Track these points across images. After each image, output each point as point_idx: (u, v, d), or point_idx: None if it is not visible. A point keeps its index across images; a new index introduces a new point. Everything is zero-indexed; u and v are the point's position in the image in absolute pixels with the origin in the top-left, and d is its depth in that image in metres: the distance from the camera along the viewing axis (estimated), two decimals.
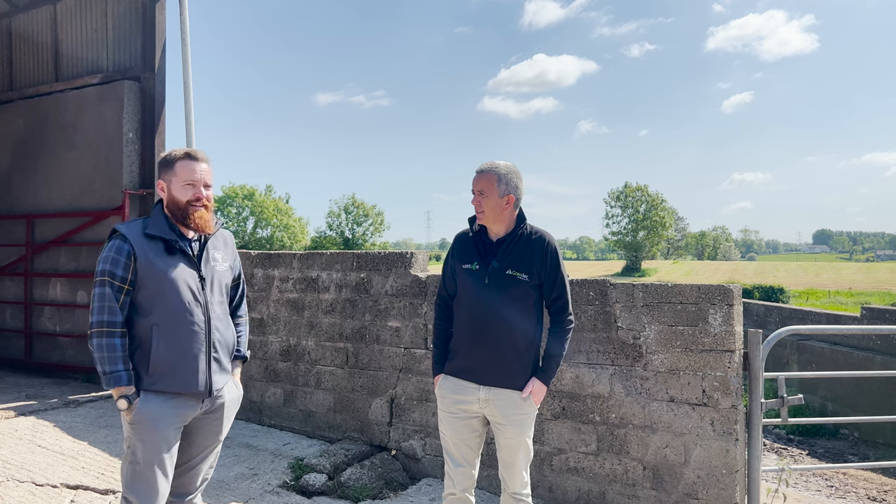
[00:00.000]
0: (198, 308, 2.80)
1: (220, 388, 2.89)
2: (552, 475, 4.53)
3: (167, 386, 2.75)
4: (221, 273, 2.96)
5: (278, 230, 75.83)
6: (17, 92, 9.56)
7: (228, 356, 2.95)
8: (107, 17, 8.74)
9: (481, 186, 3.19)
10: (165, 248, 2.79)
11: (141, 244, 2.76)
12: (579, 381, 4.47)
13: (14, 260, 9.25)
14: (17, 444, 5.54)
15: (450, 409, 3.28)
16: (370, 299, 5.54)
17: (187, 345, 2.76)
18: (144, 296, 2.75)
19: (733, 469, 3.95)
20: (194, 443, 2.93)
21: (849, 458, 9.86)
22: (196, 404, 2.84)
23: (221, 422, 2.97)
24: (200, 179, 2.83)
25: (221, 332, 2.90)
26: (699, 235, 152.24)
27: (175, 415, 2.79)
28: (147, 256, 2.75)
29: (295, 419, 5.96)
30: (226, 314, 2.97)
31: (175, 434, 2.81)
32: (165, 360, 2.73)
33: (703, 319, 4.07)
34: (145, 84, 8.38)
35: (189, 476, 2.97)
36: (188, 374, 2.76)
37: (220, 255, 2.98)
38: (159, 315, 2.74)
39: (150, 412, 2.73)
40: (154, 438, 2.74)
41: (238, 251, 6.56)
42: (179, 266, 2.80)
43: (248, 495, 4.57)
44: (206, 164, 2.87)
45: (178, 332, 2.75)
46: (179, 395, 2.78)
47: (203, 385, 2.80)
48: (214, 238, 2.98)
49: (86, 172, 8.53)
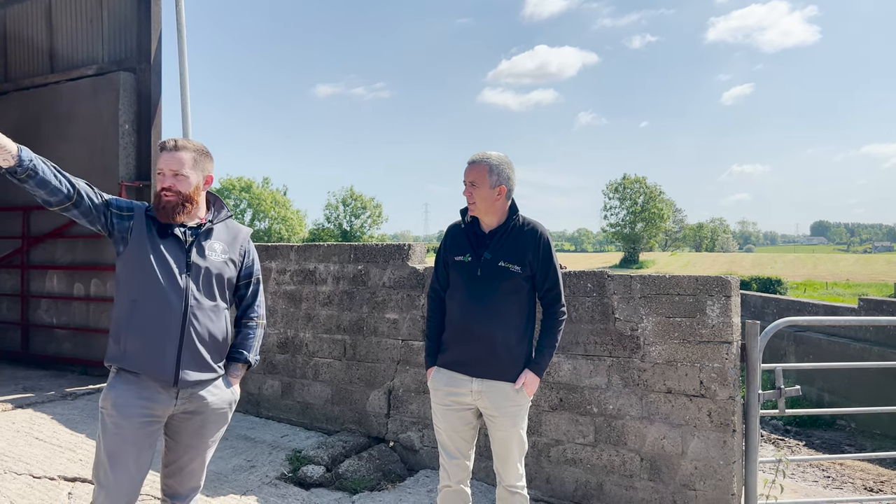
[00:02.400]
0: (176, 293, 2.72)
1: (192, 381, 2.74)
2: (549, 466, 4.53)
3: (133, 365, 2.70)
4: (217, 265, 2.86)
5: (276, 222, 75.82)
6: (11, 83, 9.50)
7: (211, 352, 2.81)
8: (102, 8, 8.68)
9: (473, 177, 3.17)
10: (158, 230, 2.79)
11: (141, 218, 2.80)
12: (577, 373, 4.47)
13: (10, 252, 9.22)
14: (15, 437, 5.53)
15: (443, 402, 3.27)
16: (368, 291, 5.53)
17: (158, 328, 2.69)
18: (130, 269, 2.75)
19: (731, 460, 3.95)
20: (179, 442, 2.85)
21: (845, 448, 9.89)
22: (167, 396, 2.73)
23: (205, 424, 2.85)
24: (166, 168, 2.78)
25: (201, 323, 2.77)
26: (697, 227, 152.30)
27: (142, 404, 2.69)
28: (141, 230, 2.77)
29: (293, 411, 5.96)
30: (216, 308, 2.84)
31: (143, 426, 2.70)
32: (135, 340, 2.69)
33: (701, 311, 4.07)
34: (141, 75, 8.34)
35: (178, 478, 2.89)
36: (152, 356, 2.68)
37: (221, 247, 2.90)
38: (137, 291, 2.72)
39: (116, 398, 2.69)
40: (118, 427, 2.67)
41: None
42: (167, 248, 2.77)
43: (246, 487, 4.57)
44: (180, 153, 2.80)
45: (151, 312, 2.70)
46: (147, 380, 2.70)
47: (169, 373, 2.69)
48: (221, 228, 2.94)
49: (82, 164, 8.48)
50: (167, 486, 2.91)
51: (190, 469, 2.89)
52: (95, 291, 8.48)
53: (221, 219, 2.96)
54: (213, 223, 2.91)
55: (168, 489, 2.91)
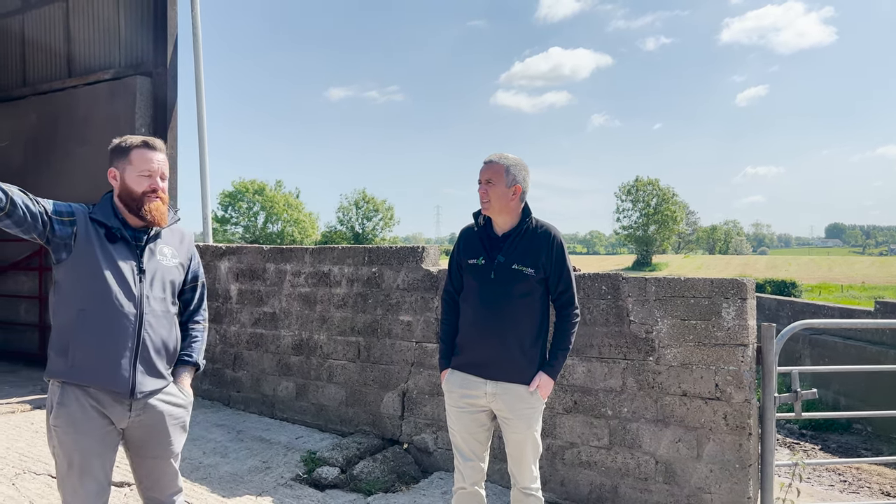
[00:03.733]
0: (130, 300, 2.59)
1: (147, 391, 2.63)
2: (564, 469, 4.53)
3: (84, 378, 2.56)
4: (168, 269, 2.75)
5: (289, 225, 76.10)
6: (29, 88, 9.62)
7: (164, 359, 2.72)
8: (119, 13, 8.78)
9: (489, 176, 3.19)
10: (106, 235, 2.65)
11: (85, 222, 2.63)
12: (591, 375, 4.47)
13: (28, 254, 9.33)
14: (34, 437, 5.59)
15: (457, 404, 3.28)
16: (382, 293, 5.55)
17: (112, 337, 2.56)
18: (75, 277, 2.60)
19: (746, 463, 3.93)
20: (144, 457, 2.75)
21: (862, 452, 9.80)
22: (121, 408, 2.62)
23: (166, 432, 2.73)
24: (157, 170, 2.69)
25: (156, 330, 2.66)
26: (710, 229, 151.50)
27: (97, 417, 2.59)
28: (88, 235, 2.61)
29: (307, 413, 5.99)
30: (167, 314, 2.73)
31: (102, 437, 2.61)
32: (86, 351, 2.55)
33: (717, 313, 4.06)
34: (157, 79, 8.41)
35: (158, 488, 2.81)
36: (108, 369, 2.55)
37: (171, 251, 2.79)
38: (87, 301, 2.57)
39: (69, 415, 2.57)
40: (78, 443, 2.57)
41: (250, 246, 6.61)
42: (117, 254, 2.63)
43: (262, 488, 4.60)
44: (163, 155, 2.73)
45: (103, 322, 2.56)
46: (97, 393, 2.58)
47: (124, 384, 2.57)
48: (167, 232, 2.82)
49: (98, 167, 8.56)
50: (147, 499, 2.83)
51: (165, 480, 2.80)
52: None
53: (173, 222, 2.85)
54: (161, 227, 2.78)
55: (147, 491, 2.82)
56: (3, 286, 9.79)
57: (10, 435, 5.65)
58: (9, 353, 9.52)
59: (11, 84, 9.91)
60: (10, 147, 9.53)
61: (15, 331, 9.62)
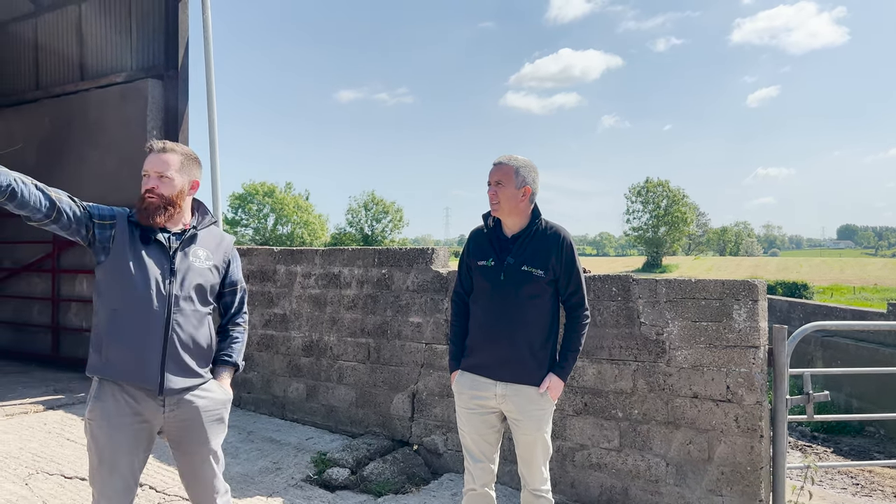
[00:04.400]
0: (159, 300, 2.67)
1: (178, 388, 2.70)
2: (574, 471, 4.52)
3: (116, 375, 2.66)
4: (201, 271, 2.82)
5: (298, 227, 76.33)
6: (43, 91, 9.71)
7: (196, 358, 2.78)
8: (130, 17, 8.84)
9: (499, 177, 3.19)
10: (141, 236, 2.74)
11: (123, 225, 2.75)
12: (602, 377, 4.46)
13: (42, 256, 9.41)
14: (47, 438, 5.64)
15: (467, 405, 3.28)
16: (391, 295, 5.56)
17: (140, 335, 2.65)
18: (111, 278, 2.70)
19: (758, 466, 3.91)
20: (184, 452, 2.83)
21: (874, 455, 9.73)
22: (154, 404, 2.70)
23: (202, 428, 2.79)
24: (151, 169, 2.76)
25: (184, 329, 2.73)
26: (721, 231, 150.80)
27: (130, 412, 2.68)
28: (124, 237, 2.72)
29: (317, 414, 6.00)
30: (198, 313, 2.79)
31: (136, 433, 2.69)
32: (118, 349, 2.65)
33: (728, 315, 4.04)
34: (168, 82, 8.46)
35: (196, 488, 2.86)
36: (137, 365, 2.65)
37: (205, 254, 2.85)
38: (119, 300, 2.67)
39: (104, 409, 2.67)
40: (111, 438, 2.65)
41: (260, 248, 6.64)
42: (150, 254, 2.72)
43: (273, 489, 4.62)
44: (167, 154, 2.79)
45: (133, 320, 2.65)
46: (131, 389, 2.68)
47: (153, 381, 2.65)
48: (206, 235, 2.89)
49: (111, 170, 8.64)
50: (190, 496, 2.91)
51: (205, 478, 2.85)
52: None
53: (205, 225, 2.92)
54: (196, 229, 2.86)
55: (195, 497, 2.89)
56: (17, 288, 9.88)
57: (23, 435, 5.70)
58: (22, 355, 9.60)
59: (25, 87, 9.99)
60: (23, 150, 9.61)
61: (28, 332, 9.70)
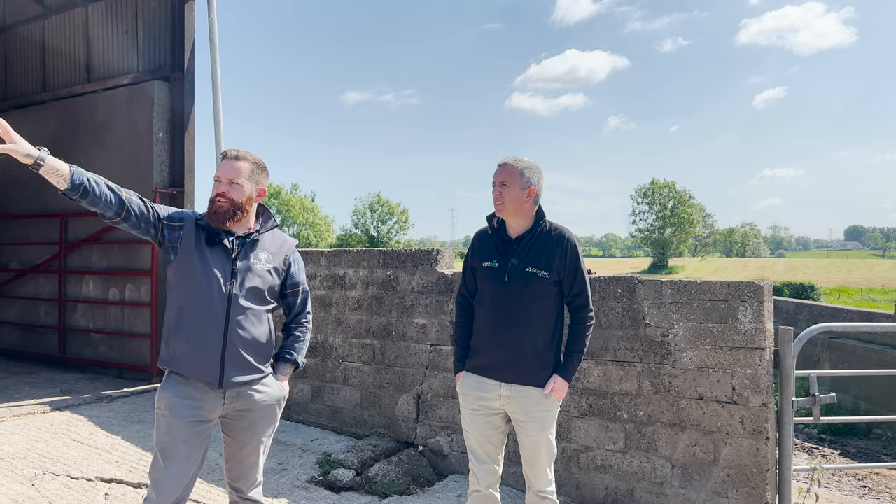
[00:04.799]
0: (220, 298, 2.84)
1: (237, 382, 2.87)
2: (579, 473, 4.51)
3: (181, 368, 2.85)
4: (261, 272, 2.97)
5: (304, 228, 76.49)
6: (50, 93, 9.76)
7: (255, 355, 2.93)
8: (137, 19, 8.88)
9: (503, 178, 3.19)
10: (207, 239, 2.91)
11: (191, 227, 2.93)
12: (607, 379, 4.45)
13: (48, 258, 9.45)
14: (53, 438, 5.66)
15: (472, 407, 3.28)
16: (396, 296, 5.57)
17: (202, 332, 2.83)
18: (178, 277, 2.89)
19: (764, 468, 3.90)
20: (234, 439, 2.99)
21: (882, 458, 9.67)
22: (215, 396, 2.87)
23: (256, 420, 2.97)
24: (223, 176, 2.91)
25: (244, 327, 2.88)
26: (727, 232, 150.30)
27: (191, 405, 2.84)
28: (191, 239, 2.90)
29: (322, 415, 6.01)
30: (257, 314, 2.94)
31: (194, 425, 2.84)
32: (182, 343, 2.84)
33: (733, 317, 4.03)
34: (175, 84, 8.50)
35: (238, 471, 3.02)
36: (200, 360, 2.83)
37: (266, 256, 3.01)
38: (185, 297, 2.86)
39: (169, 398, 2.85)
40: (170, 426, 2.82)
41: None
42: (213, 256, 2.89)
43: (278, 490, 4.63)
44: (239, 162, 2.94)
45: (197, 317, 2.83)
46: (194, 382, 2.85)
47: (214, 375, 2.83)
48: (268, 238, 3.05)
49: (117, 171, 8.67)
50: (230, 478, 3.05)
51: (248, 463, 3.02)
52: (130, 296, 8.65)
53: (268, 228, 3.07)
54: (259, 233, 3.01)
55: (232, 482, 3.05)
56: (24, 289, 9.93)
57: (30, 436, 5.72)
58: (29, 355, 9.65)
59: (32, 89, 10.05)
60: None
61: (35, 333, 9.74)
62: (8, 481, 4.64)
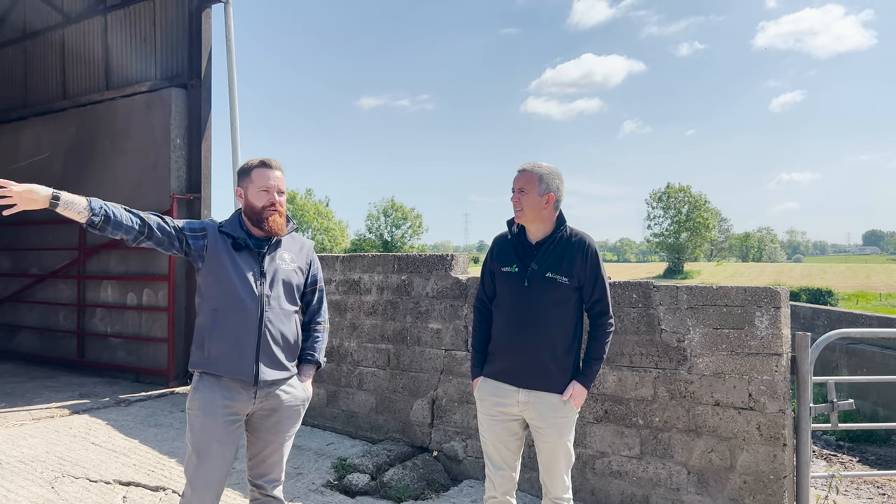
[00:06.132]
0: (252, 300, 2.95)
1: (270, 380, 2.97)
2: (595, 479, 4.50)
3: (217, 368, 2.94)
4: (287, 273, 3.09)
5: (319, 233, 76.77)
6: (70, 100, 9.89)
7: (285, 353, 3.05)
8: (155, 27, 8.99)
9: (522, 184, 3.18)
10: (233, 245, 3.01)
11: (214, 235, 3.03)
12: (622, 385, 4.44)
13: (67, 263, 9.57)
14: (72, 442, 5.73)
15: (489, 412, 3.27)
16: (411, 301, 5.58)
17: (237, 332, 2.93)
18: (209, 282, 2.99)
19: (781, 475, 3.87)
20: (259, 438, 3.07)
21: None
22: (247, 395, 2.96)
23: (281, 420, 3.07)
24: (274, 186, 3.02)
25: (275, 325, 3.00)
26: (743, 237, 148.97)
27: (224, 404, 2.93)
28: (217, 247, 3.00)
29: (338, 419, 6.03)
30: (286, 311, 3.06)
31: (227, 425, 2.93)
32: (218, 344, 2.93)
33: (750, 322, 4.01)
34: (192, 91, 8.59)
35: (261, 469, 3.10)
36: (235, 359, 2.92)
37: (290, 257, 3.13)
38: (218, 302, 2.96)
39: (202, 399, 2.94)
40: (203, 425, 2.91)
41: None
42: (242, 260, 3.00)
43: (294, 494, 4.65)
44: (279, 172, 3.06)
45: (231, 319, 2.93)
46: (229, 381, 2.94)
47: (249, 374, 2.92)
48: (288, 240, 3.16)
49: (135, 177, 8.77)
50: (252, 476, 3.13)
51: (271, 461, 3.11)
52: (147, 301, 8.74)
53: (288, 231, 3.16)
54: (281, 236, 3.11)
55: (254, 479, 3.12)
56: (43, 294, 10.05)
57: (49, 439, 5.79)
58: (48, 359, 9.77)
59: (52, 97, 10.19)
60: (50, 158, 9.79)
61: (55, 337, 9.86)
62: (28, 484, 4.70)
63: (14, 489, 4.60)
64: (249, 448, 3.12)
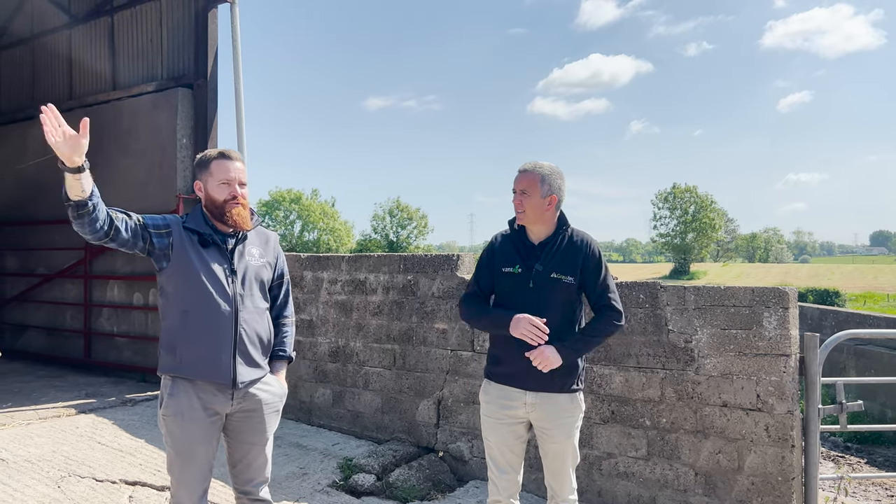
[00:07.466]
0: (225, 300, 2.84)
1: (247, 381, 2.89)
2: (601, 480, 4.48)
3: (191, 373, 2.83)
4: (257, 268, 2.99)
5: (324, 233, 76.95)
6: (76, 101, 9.91)
7: (260, 351, 2.96)
8: (161, 27, 9.00)
9: (524, 186, 3.14)
10: (200, 241, 2.89)
11: (179, 232, 2.89)
12: (629, 385, 4.42)
13: (74, 262, 9.59)
14: (78, 441, 5.74)
15: (495, 415, 3.23)
16: (417, 301, 5.57)
17: (212, 333, 2.82)
18: (176, 282, 2.86)
19: (789, 476, 3.85)
20: (241, 441, 2.98)
21: None
22: (224, 397, 2.87)
23: (262, 419, 2.98)
24: (235, 178, 2.90)
25: (250, 324, 2.91)
26: (750, 237, 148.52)
27: (202, 407, 2.84)
28: (183, 244, 2.86)
29: (343, 420, 6.03)
30: (259, 310, 2.97)
31: (208, 426, 2.86)
32: (191, 347, 2.82)
33: (758, 323, 3.98)
34: (198, 91, 8.59)
35: (247, 474, 3.03)
36: (211, 363, 2.81)
37: (258, 251, 3.02)
38: (188, 302, 2.83)
39: (178, 405, 2.83)
40: (184, 430, 2.83)
41: (288, 254, 6.70)
42: (210, 257, 2.88)
43: (299, 494, 4.65)
44: (240, 164, 2.94)
45: (204, 320, 2.81)
46: (204, 384, 2.84)
47: (226, 376, 2.83)
48: (254, 234, 3.05)
49: (141, 177, 8.79)
50: (238, 483, 3.05)
51: (256, 465, 3.03)
52: (153, 301, 8.74)
53: (254, 225, 3.05)
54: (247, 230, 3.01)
55: (240, 486, 3.05)
56: (50, 293, 10.08)
57: (56, 438, 5.80)
58: (55, 359, 9.79)
59: (59, 97, 10.21)
60: (57, 159, 9.80)
61: (61, 337, 9.89)
62: (34, 483, 4.71)
63: (20, 488, 4.61)
64: (232, 455, 3.02)
